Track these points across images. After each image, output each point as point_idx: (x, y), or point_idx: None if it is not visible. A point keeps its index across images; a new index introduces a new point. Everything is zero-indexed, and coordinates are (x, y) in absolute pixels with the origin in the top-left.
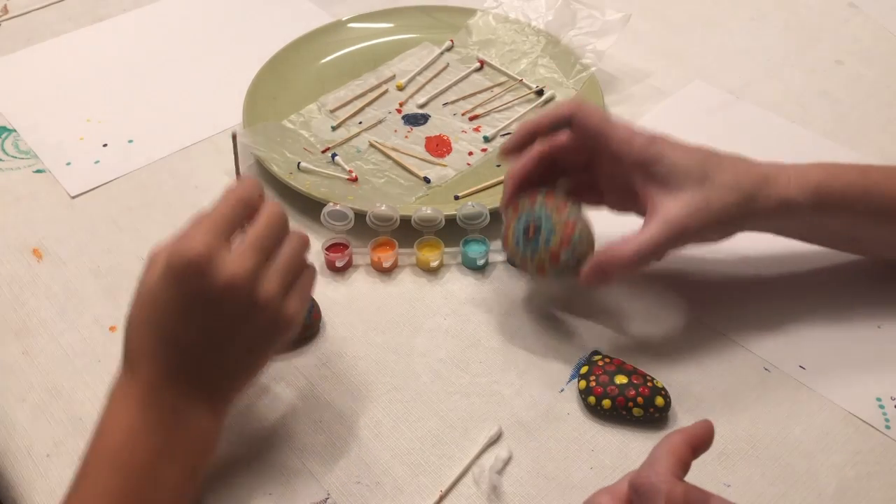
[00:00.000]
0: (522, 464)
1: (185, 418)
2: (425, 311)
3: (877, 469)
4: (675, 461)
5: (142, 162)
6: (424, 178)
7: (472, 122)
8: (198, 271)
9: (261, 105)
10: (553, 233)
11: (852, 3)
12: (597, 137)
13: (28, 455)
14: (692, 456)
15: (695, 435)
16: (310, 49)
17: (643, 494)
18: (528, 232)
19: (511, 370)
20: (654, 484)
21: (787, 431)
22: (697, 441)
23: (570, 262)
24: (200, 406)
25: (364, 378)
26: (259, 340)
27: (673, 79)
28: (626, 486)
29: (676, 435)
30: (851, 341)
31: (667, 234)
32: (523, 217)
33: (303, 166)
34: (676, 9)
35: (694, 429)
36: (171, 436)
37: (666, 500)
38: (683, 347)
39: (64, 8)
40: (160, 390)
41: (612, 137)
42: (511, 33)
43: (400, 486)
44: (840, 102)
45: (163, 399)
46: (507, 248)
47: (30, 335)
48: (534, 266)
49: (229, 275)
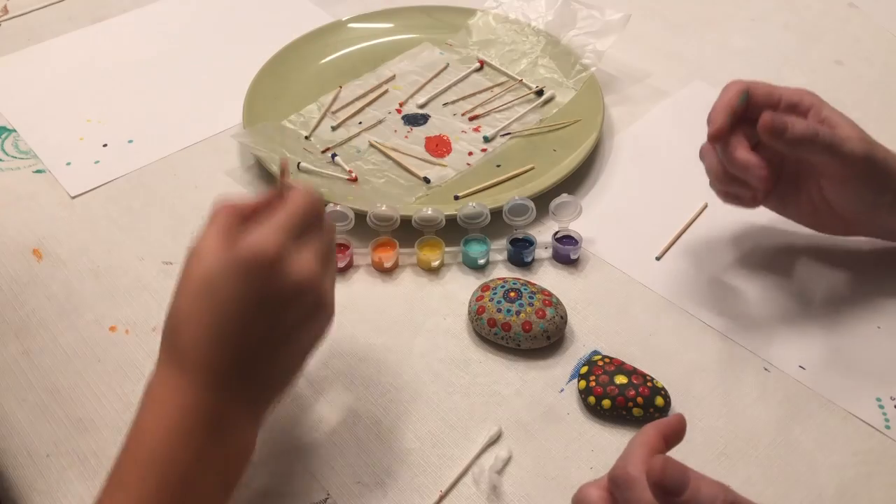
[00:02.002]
0: (522, 464)
1: (229, 425)
2: (425, 311)
3: (877, 469)
4: (648, 451)
5: (142, 162)
6: (424, 178)
7: (471, 122)
8: (272, 269)
9: (261, 105)
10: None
11: (852, 3)
12: (770, 95)
13: (28, 455)
14: (665, 447)
15: (668, 426)
16: (310, 49)
17: (621, 485)
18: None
19: (511, 370)
20: (628, 473)
21: (787, 431)
22: (670, 432)
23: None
24: (244, 413)
25: (364, 378)
26: (311, 343)
27: (673, 79)
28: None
29: (650, 427)
30: (851, 341)
31: (839, 133)
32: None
33: (303, 166)
34: (676, 9)
35: (667, 421)
36: (213, 444)
37: (648, 473)
38: (683, 347)
39: (64, 8)
40: (208, 393)
41: (783, 93)
42: (511, 33)
43: (400, 486)
44: (840, 102)
45: (209, 403)
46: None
47: (30, 335)
48: None
49: (302, 276)
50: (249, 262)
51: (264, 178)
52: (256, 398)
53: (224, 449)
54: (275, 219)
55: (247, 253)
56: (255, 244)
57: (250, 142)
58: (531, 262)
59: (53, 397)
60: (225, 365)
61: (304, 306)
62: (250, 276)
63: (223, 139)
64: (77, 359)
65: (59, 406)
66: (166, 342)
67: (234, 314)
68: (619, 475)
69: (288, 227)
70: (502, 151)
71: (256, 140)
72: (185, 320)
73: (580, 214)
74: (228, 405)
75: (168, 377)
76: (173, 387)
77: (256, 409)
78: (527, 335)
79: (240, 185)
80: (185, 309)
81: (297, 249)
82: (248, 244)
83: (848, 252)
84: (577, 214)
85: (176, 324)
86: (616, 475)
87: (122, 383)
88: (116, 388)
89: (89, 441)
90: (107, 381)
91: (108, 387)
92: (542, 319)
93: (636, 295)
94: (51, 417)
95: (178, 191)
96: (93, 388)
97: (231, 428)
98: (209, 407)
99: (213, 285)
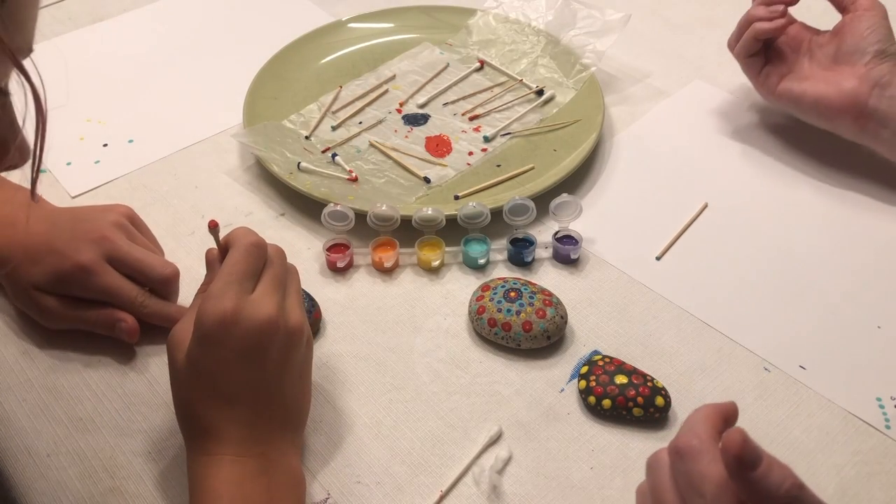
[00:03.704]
0: (522, 464)
1: (276, 460)
2: (425, 311)
3: (877, 469)
4: (711, 426)
5: (142, 162)
6: (424, 178)
7: (472, 122)
8: (234, 323)
9: (261, 105)
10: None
11: None
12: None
13: (28, 455)
14: (724, 426)
15: (726, 407)
16: (310, 49)
17: (686, 455)
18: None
19: (511, 370)
20: (695, 444)
21: (787, 431)
22: (729, 413)
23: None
24: (284, 445)
25: (364, 378)
26: (304, 363)
27: (673, 79)
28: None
29: (709, 405)
30: (851, 341)
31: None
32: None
33: (303, 166)
34: (676, 9)
35: (723, 404)
36: (272, 479)
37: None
38: (683, 347)
39: (64, 8)
40: (249, 445)
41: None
42: (511, 33)
43: (400, 486)
44: None
45: (253, 451)
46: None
47: (30, 335)
48: None
49: (262, 316)
50: (213, 329)
51: (264, 177)
52: (286, 428)
53: (282, 482)
54: (220, 278)
55: (207, 319)
56: (211, 309)
57: (250, 141)
58: (531, 262)
59: (53, 397)
60: (244, 415)
61: (278, 340)
62: (219, 340)
63: (223, 139)
64: (77, 359)
65: (59, 406)
66: (185, 427)
67: (226, 375)
68: (684, 445)
69: (236, 281)
70: (502, 151)
71: (256, 140)
72: (191, 403)
73: (580, 214)
74: (268, 448)
75: (206, 458)
76: (211, 453)
77: (291, 437)
78: (527, 335)
79: (240, 184)
80: (185, 394)
81: (250, 293)
82: (205, 314)
83: (848, 252)
84: (577, 214)
85: (185, 413)
86: (682, 445)
87: (122, 383)
88: (117, 387)
89: (89, 441)
90: (107, 380)
91: (109, 387)
92: (542, 319)
93: (636, 295)
94: (51, 417)
95: (178, 191)
96: (93, 387)
97: (278, 465)
98: (255, 453)
99: (195, 363)
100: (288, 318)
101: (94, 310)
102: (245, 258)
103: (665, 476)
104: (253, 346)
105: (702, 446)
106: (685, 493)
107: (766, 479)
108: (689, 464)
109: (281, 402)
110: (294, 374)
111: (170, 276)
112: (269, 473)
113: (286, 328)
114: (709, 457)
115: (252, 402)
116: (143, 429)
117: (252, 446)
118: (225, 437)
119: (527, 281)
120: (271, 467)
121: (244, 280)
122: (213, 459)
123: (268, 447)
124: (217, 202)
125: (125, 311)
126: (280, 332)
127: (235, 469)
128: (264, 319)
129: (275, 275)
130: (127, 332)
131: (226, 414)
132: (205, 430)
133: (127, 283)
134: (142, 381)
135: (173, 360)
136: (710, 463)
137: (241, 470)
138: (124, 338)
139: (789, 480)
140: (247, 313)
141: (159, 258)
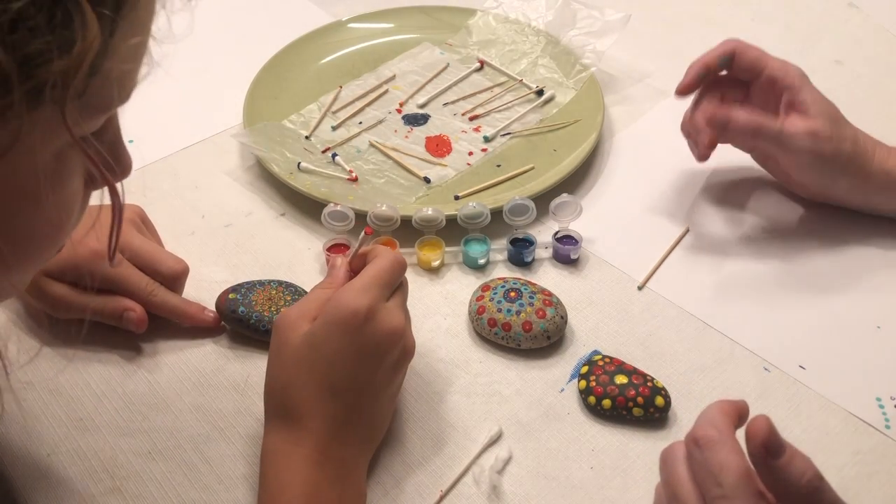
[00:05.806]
0: (522, 464)
1: (352, 469)
2: (425, 311)
3: (877, 469)
4: (728, 418)
5: (142, 162)
6: (424, 178)
7: (472, 122)
8: (367, 322)
9: (261, 105)
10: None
11: (852, 3)
12: (756, 63)
13: (28, 455)
14: (739, 423)
15: (740, 405)
16: (310, 49)
17: (705, 445)
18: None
19: (511, 370)
20: (714, 435)
21: (787, 431)
22: (742, 411)
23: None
24: (359, 456)
25: None
26: (399, 385)
27: (673, 79)
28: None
29: (723, 400)
30: (851, 341)
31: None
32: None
33: (303, 166)
34: (676, 9)
35: (736, 400)
36: (344, 490)
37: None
38: (683, 347)
39: None
40: (331, 443)
41: (769, 64)
42: (511, 33)
43: (400, 486)
44: (840, 102)
45: (334, 452)
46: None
47: (30, 335)
48: None
49: (392, 326)
50: (347, 318)
51: (264, 177)
52: (365, 441)
53: (354, 493)
54: (365, 278)
55: (344, 311)
56: (351, 302)
57: (250, 141)
58: (531, 262)
59: (53, 397)
60: (340, 412)
61: (395, 352)
62: (349, 331)
63: (223, 139)
64: (77, 359)
65: (59, 406)
66: (275, 406)
67: (340, 365)
68: (703, 435)
69: (378, 285)
70: (502, 151)
71: (256, 140)
72: (292, 382)
73: (580, 214)
74: (347, 451)
75: (287, 436)
76: (294, 443)
77: (367, 452)
78: (527, 335)
79: (240, 185)
80: (289, 371)
81: (385, 303)
82: (344, 303)
83: (848, 252)
84: (577, 214)
85: (282, 387)
86: (700, 435)
87: (122, 383)
88: (117, 387)
89: (89, 441)
90: (107, 380)
91: (109, 387)
92: (542, 319)
93: (636, 295)
94: (51, 417)
95: (178, 191)
96: (93, 387)
97: (352, 472)
98: (334, 456)
99: (315, 345)
100: (408, 338)
101: (103, 298)
102: (391, 268)
103: (680, 468)
104: (374, 348)
105: (720, 437)
106: (703, 484)
107: (789, 468)
108: (707, 453)
109: (371, 412)
110: (392, 391)
111: (181, 271)
112: (343, 483)
113: (405, 346)
114: (728, 447)
115: (352, 401)
116: (143, 429)
117: (334, 447)
118: (314, 427)
119: (527, 281)
120: (347, 477)
121: (385, 287)
122: (298, 454)
123: (347, 454)
124: (217, 202)
125: (134, 301)
126: (399, 346)
127: (315, 472)
128: (393, 328)
129: (405, 296)
130: (135, 322)
131: (323, 405)
132: (298, 415)
133: (137, 272)
134: (142, 381)
135: (284, 341)
136: (729, 453)
137: (321, 474)
138: (132, 328)
139: (811, 471)
140: (381, 316)
141: (171, 254)
